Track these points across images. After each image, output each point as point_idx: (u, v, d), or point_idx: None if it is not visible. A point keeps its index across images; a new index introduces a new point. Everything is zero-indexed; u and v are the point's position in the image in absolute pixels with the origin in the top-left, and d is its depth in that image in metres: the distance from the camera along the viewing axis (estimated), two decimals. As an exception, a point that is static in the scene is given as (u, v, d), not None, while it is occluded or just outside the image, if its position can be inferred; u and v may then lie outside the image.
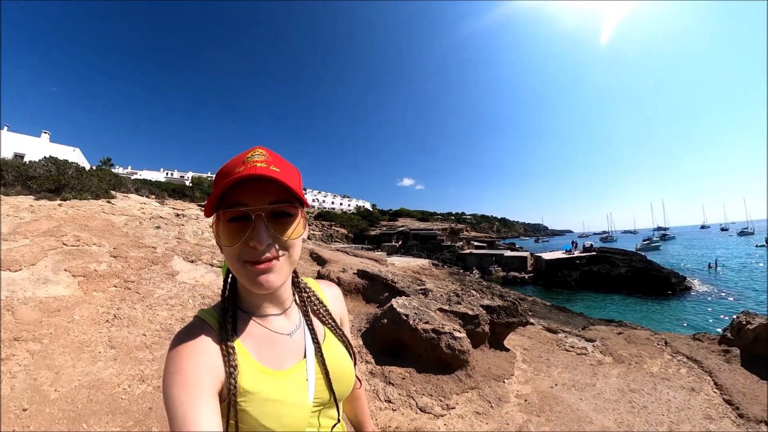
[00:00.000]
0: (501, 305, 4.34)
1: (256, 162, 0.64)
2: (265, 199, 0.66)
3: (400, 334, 3.61)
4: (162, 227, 8.11)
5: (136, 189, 15.11)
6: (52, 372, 2.85)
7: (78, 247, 5.40)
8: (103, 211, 8.59)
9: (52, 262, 4.73)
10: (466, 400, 3.04)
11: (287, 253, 0.70)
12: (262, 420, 0.66)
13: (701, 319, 15.89)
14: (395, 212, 62.24)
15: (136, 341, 3.46)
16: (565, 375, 3.56)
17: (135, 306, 4.17)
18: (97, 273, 4.73)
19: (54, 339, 3.28)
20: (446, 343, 3.40)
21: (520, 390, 3.25)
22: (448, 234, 43.98)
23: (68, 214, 7.50)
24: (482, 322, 3.93)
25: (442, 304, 4.14)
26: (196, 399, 0.59)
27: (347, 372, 0.84)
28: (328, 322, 0.88)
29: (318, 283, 0.97)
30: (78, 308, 3.89)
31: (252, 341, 0.73)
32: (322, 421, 0.79)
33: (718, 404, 3.02)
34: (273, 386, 0.69)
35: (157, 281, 4.94)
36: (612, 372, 3.63)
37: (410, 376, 3.29)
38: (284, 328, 0.78)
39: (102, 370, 2.95)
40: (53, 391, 2.65)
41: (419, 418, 2.77)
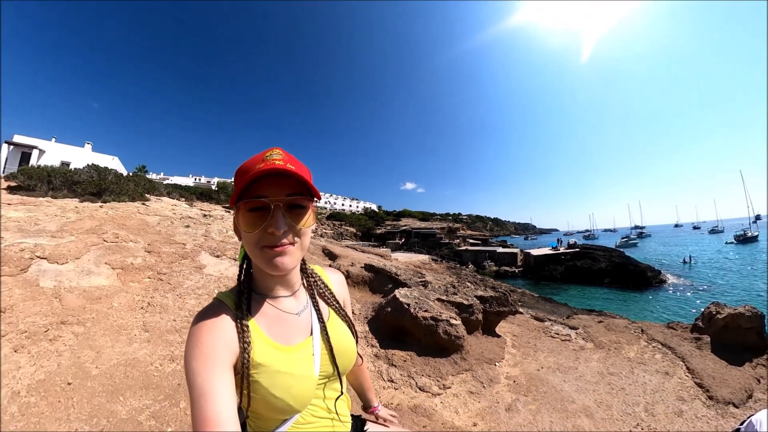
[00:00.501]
0: (493, 296, 4.35)
1: (275, 160, 0.67)
2: (282, 192, 0.68)
3: (402, 321, 3.62)
4: (191, 226, 8.14)
5: (168, 192, 15.19)
6: (93, 351, 2.88)
7: (117, 243, 5.43)
8: (138, 212, 8.65)
9: (94, 256, 4.76)
10: (460, 380, 3.05)
11: (299, 241, 0.71)
12: (272, 390, 0.67)
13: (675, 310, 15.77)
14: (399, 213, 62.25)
15: (167, 326, 3.48)
16: (550, 359, 3.56)
17: (166, 295, 4.19)
18: (133, 266, 4.76)
19: (95, 323, 3.31)
20: (443, 329, 3.41)
21: (510, 372, 3.26)
22: (446, 233, 44.05)
23: (108, 215, 7.56)
24: (476, 311, 3.94)
25: (440, 295, 4.14)
26: (213, 371, 0.60)
27: (349, 348, 0.85)
28: (332, 303, 0.89)
29: (323, 269, 0.99)
30: (116, 296, 3.92)
31: (264, 319, 0.75)
32: (327, 393, 0.80)
33: (690, 387, 3.01)
34: (282, 360, 0.71)
35: (187, 273, 4.97)
36: (593, 357, 3.61)
37: (411, 358, 3.30)
38: (293, 308, 0.80)
39: (137, 351, 2.97)
40: (94, 368, 2.68)
41: (418, 396, 2.79)
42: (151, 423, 2.19)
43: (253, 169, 0.66)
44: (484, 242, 45.35)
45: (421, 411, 2.57)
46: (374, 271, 5.66)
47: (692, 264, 31.38)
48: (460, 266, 22.57)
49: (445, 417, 2.55)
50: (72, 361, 2.73)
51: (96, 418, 2.18)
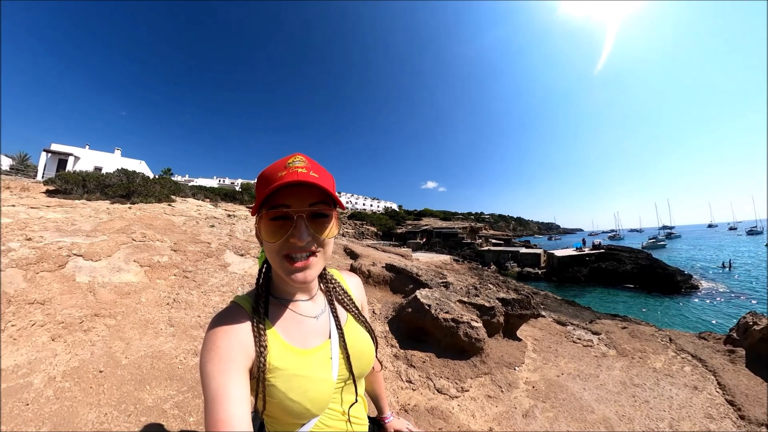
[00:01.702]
0: (515, 298, 4.23)
1: (298, 168, 0.65)
2: (305, 202, 0.67)
3: (422, 322, 3.58)
4: (216, 226, 8.38)
5: (193, 194, 15.72)
6: (123, 343, 3.02)
7: (144, 242, 5.65)
8: (165, 213, 8.99)
9: (124, 254, 4.98)
10: (479, 384, 2.99)
11: (322, 251, 0.71)
12: (289, 393, 0.67)
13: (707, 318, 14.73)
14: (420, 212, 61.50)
15: (192, 321, 3.59)
16: (571, 365, 3.43)
17: (192, 292, 4.32)
18: (160, 264, 4.94)
19: (125, 316, 3.46)
20: (464, 331, 3.35)
21: (529, 377, 3.16)
22: (468, 232, 43.08)
23: (136, 215, 7.89)
24: (497, 314, 3.85)
25: (461, 296, 4.07)
26: (228, 374, 0.60)
27: (366, 353, 0.84)
28: (350, 308, 0.89)
29: (341, 273, 0.98)
30: (144, 292, 4.08)
31: (281, 323, 0.74)
32: (344, 397, 0.80)
33: (720, 404, 2.79)
34: (299, 363, 0.71)
35: (211, 271, 5.10)
36: (615, 365, 3.46)
37: (430, 360, 3.26)
38: (311, 311, 0.80)
39: (163, 344, 3.09)
40: (124, 357, 2.81)
41: (436, 398, 2.75)
42: (174, 412, 2.28)
43: (276, 176, 0.65)
44: (506, 242, 44.26)
45: (437, 413, 2.54)
46: (395, 271, 5.64)
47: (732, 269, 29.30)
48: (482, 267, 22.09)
49: (462, 420, 2.51)
50: (104, 350, 2.88)
51: (124, 404, 2.30)
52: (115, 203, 9.48)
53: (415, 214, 59.46)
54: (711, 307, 16.76)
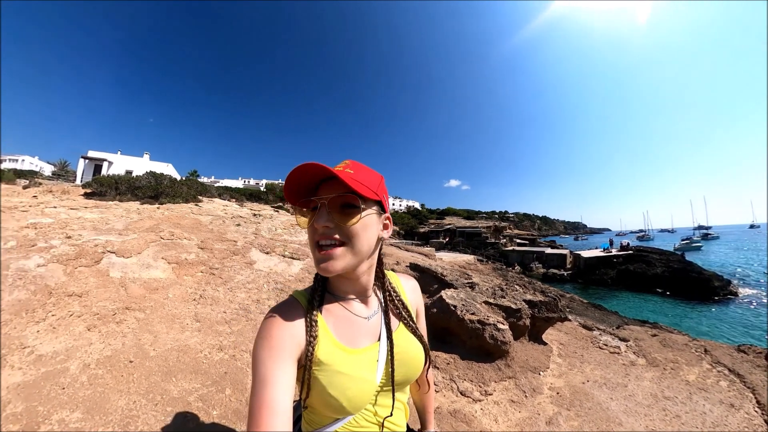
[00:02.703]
0: (542, 300, 4.11)
1: (338, 166, 0.71)
2: (332, 193, 0.70)
3: (448, 322, 3.53)
4: (242, 225, 8.60)
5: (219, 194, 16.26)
6: (151, 335, 3.14)
7: (172, 241, 5.87)
8: (192, 212, 9.32)
9: (153, 252, 5.18)
10: (503, 388, 2.92)
11: (350, 242, 0.70)
12: (329, 388, 0.69)
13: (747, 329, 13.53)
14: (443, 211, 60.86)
15: (218, 317, 3.68)
16: (597, 372, 3.29)
17: (218, 288, 4.43)
18: (187, 261, 5.11)
19: (153, 311, 3.60)
20: (490, 333, 3.28)
21: (554, 383, 3.06)
22: (492, 232, 41.85)
23: (165, 215, 8.22)
24: (524, 316, 3.74)
25: (487, 297, 3.98)
26: (277, 361, 0.64)
27: (413, 361, 0.84)
28: (403, 312, 0.89)
29: (398, 275, 0.99)
30: (171, 288, 4.22)
31: (333, 320, 0.76)
32: (384, 401, 0.79)
33: (759, 425, 2.57)
34: (344, 361, 0.72)
35: (237, 269, 5.21)
36: (645, 375, 3.27)
37: (454, 361, 3.21)
38: (363, 312, 0.81)
39: (189, 338, 3.18)
40: (152, 350, 2.92)
41: (459, 400, 2.71)
42: (198, 404, 2.34)
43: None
44: (531, 242, 42.82)
45: (460, 416, 2.50)
46: (419, 270, 5.59)
47: None
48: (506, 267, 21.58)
49: (484, 424, 2.46)
50: (134, 342, 3.01)
51: (152, 394, 2.39)
52: (144, 204, 9.94)
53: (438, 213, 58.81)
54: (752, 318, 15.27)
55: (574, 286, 23.26)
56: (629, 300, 19.19)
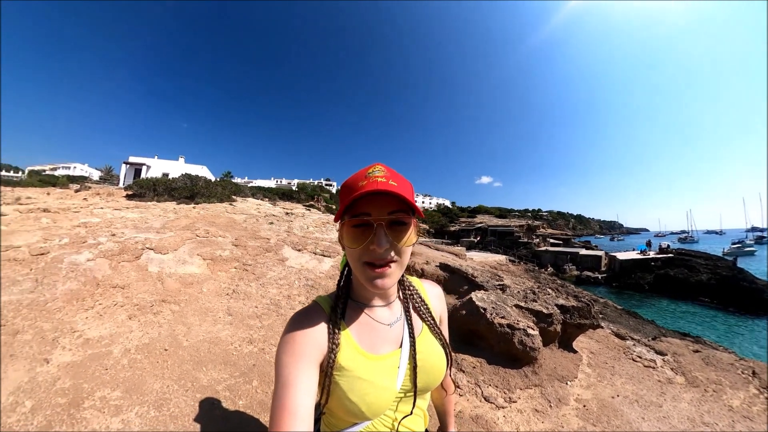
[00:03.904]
0: (575, 306, 3.90)
1: (377, 177, 0.68)
2: (385, 210, 0.69)
3: (476, 325, 3.45)
4: (274, 223, 8.88)
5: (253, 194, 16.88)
6: (185, 327, 3.31)
7: (207, 238, 6.12)
8: (226, 211, 9.71)
9: (189, 249, 5.44)
10: (528, 396, 2.81)
11: (400, 259, 0.72)
12: (349, 394, 0.70)
13: None
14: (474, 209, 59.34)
15: (249, 312, 3.81)
16: (628, 387, 3.07)
17: (250, 284, 4.59)
18: (222, 258, 5.31)
19: (188, 304, 3.79)
20: (519, 338, 3.16)
21: (581, 395, 2.90)
22: (525, 231, 40.19)
23: (200, 214, 8.63)
24: (555, 322, 3.55)
25: (518, 301, 3.84)
26: (299, 365, 0.65)
27: (436, 367, 0.83)
28: (426, 319, 0.88)
29: (422, 282, 0.98)
30: (206, 283, 4.41)
31: (356, 326, 0.77)
32: (403, 407, 0.80)
33: None
34: (366, 367, 0.73)
35: (270, 265, 5.38)
36: (683, 395, 2.99)
37: (480, 365, 3.14)
38: (386, 318, 0.81)
39: (220, 331, 3.32)
40: (185, 340, 3.08)
41: (482, 406, 2.65)
42: (226, 394, 2.46)
43: (357, 185, 0.69)
44: (565, 242, 41.00)
45: (482, 422, 2.44)
46: (450, 270, 5.51)
47: None
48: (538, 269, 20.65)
49: (505, 433, 2.43)
50: (169, 332, 3.21)
51: (183, 380, 2.55)
52: (181, 204, 10.50)
53: (469, 211, 57.56)
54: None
55: (608, 290, 21.97)
56: (668, 309, 17.74)
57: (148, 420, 2.14)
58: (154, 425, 2.11)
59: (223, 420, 2.22)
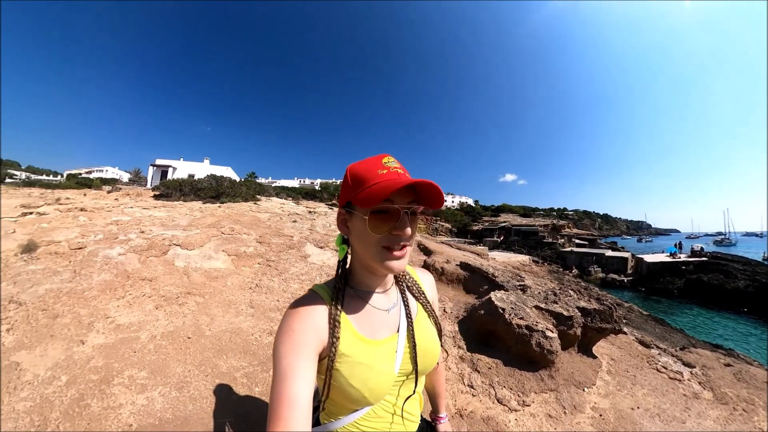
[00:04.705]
0: (597, 309, 3.75)
1: (396, 168, 0.74)
2: (406, 199, 0.74)
3: (494, 326, 3.40)
4: (298, 221, 9.06)
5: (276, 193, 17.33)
6: (208, 317, 3.46)
7: (232, 235, 6.33)
8: (251, 210, 9.97)
9: (214, 245, 5.65)
10: (542, 400, 2.75)
11: (411, 243, 0.77)
12: (350, 380, 0.72)
13: None
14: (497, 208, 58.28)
15: (271, 305, 3.92)
16: (650, 399, 2.90)
17: (273, 279, 4.71)
18: (246, 254, 5.49)
19: (212, 296, 3.95)
20: (537, 341, 3.08)
21: (598, 403, 2.79)
22: (550, 231, 39.13)
23: (225, 213, 8.92)
24: (575, 325, 3.42)
25: (538, 302, 3.74)
26: (298, 355, 0.66)
27: (433, 349, 0.87)
28: (421, 299, 0.92)
29: (414, 270, 1.02)
30: (230, 277, 4.57)
31: (354, 313, 0.79)
32: (402, 391, 0.83)
33: None
34: (365, 352, 0.75)
35: (293, 261, 5.52)
36: (710, 413, 2.79)
37: (496, 367, 3.09)
38: (384, 304, 0.84)
39: (242, 322, 3.45)
40: (207, 330, 3.23)
41: (494, 408, 2.62)
42: (243, 380, 2.57)
43: (375, 173, 0.72)
44: (591, 243, 39.44)
45: (492, 424, 2.42)
46: (470, 270, 5.44)
47: None
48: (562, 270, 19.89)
49: (515, 437, 2.38)
50: (192, 321, 3.37)
51: (204, 367, 2.68)
52: (206, 203, 10.89)
53: (493, 210, 56.55)
54: None
55: (635, 294, 20.87)
56: (699, 317, 16.54)
57: (169, 399, 2.29)
58: (174, 404, 2.25)
59: (239, 404, 2.33)
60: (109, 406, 2.20)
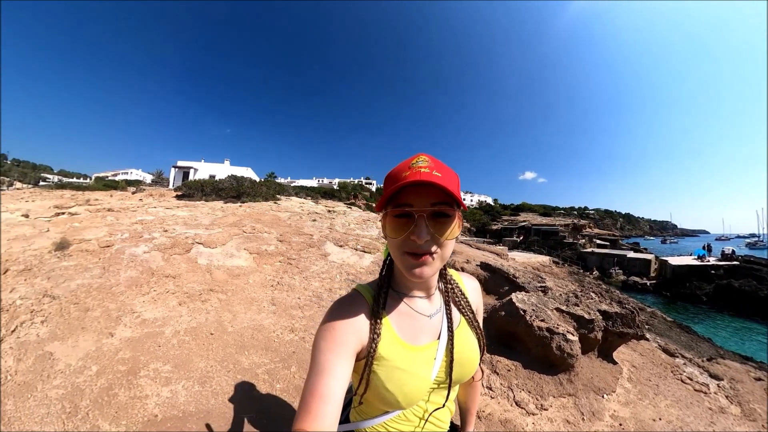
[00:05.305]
0: (618, 312, 3.63)
1: (421, 168, 0.68)
2: (427, 201, 0.69)
3: (515, 327, 3.34)
4: (317, 220, 9.21)
5: (296, 193, 17.66)
6: (231, 314, 3.54)
7: (254, 234, 6.48)
8: (271, 209, 10.19)
9: (236, 243, 5.80)
10: (560, 405, 2.69)
11: (441, 251, 0.72)
12: (386, 383, 0.71)
13: None
14: (517, 207, 57.06)
15: (292, 302, 3.99)
16: (673, 411, 2.77)
17: (294, 277, 4.79)
18: (267, 252, 5.61)
19: (234, 294, 4.04)
20: (557, 344, 3.00)
21: (618, 411, 2.69)
22: (571, 230, 38.10)
23: (246, 212, 9.14)
24: (596, 328, 3.32)
25: (560, 304, 3.63)
26: (337, 353, 0.66)
27: (471, 360, 0.84)
28: (465, 312, 0.89)
29: (460, 275, 0.99)
30: (252, 275, 4.67)
31: (396, 316, 0.78)
32: (433, 398, 0.82)
33: None
34: (404, 357, 0.74)
35: (313, 259, 5.60)
36: (736, 429, 2.65)
37: (515, 369, 3.03)
38: (426, 310, 0.82)
39: (264, 319, 3.51)
40: (230, 326, 3.30)
41: (512, 410, 2.59)
42: (265, 377, 2.61)
43: (401, 175, 0.69)
44: (612, 243, 38.28)
45: (510, 427, 2.39)
46: (490, 270, 5.40)
47: None
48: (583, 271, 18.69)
49: (532, 441, 2.31)
50: (215, 318, 3.45)
51: (225, 362, 2.75)
52: (228, 203, 11.21)
53: (512, 209, 55.48)
54: None
55: (658, 298, 19.95)
56: (729, 326, 15.51)
57: (192, 393, 2.35)
58: (197, 398, 2.31)
59: (259, 400, 2.37)
60: (136, 396, 2.29)
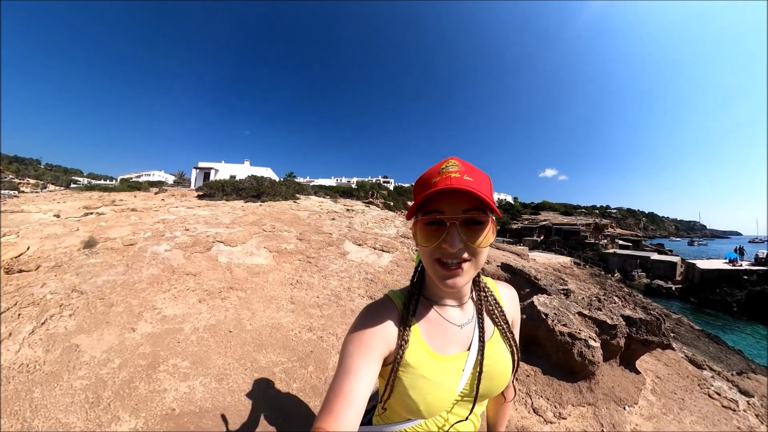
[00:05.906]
0: (643, 318, 3.43)
1: (451, 173, 0.66)
2: (458, 208, 0.66)
3: (536, 331, 3.25)
4: (336, 219, 9.28)
5: (315, 192, 17.94)
6: (250, 312, 3.59)
7: (273, 233, 6.59)
8: (291, 208, 10.33)
9: (256, 242, 5.90)
10: (579, 414, 2.60)
11: (474, 259, 0.69)
12: (410, 391, 0.71)
13: None
14: (537, 205, 56.61)
15: (311, 301, 4.02)
16: (699, 428, 2.62)
17: (313, 275, 4.83)
18: (287, 250, 5.68)
19: (253, 292, 4.10)
20: (579, 350, 2.91)
21: (640, 425, 2.56)
22: (592, 230, 37.26)
23: (266, 211, 9.30)
24: (619, 335, 3.18)
25: (582, 308, 3.51)
26: (364, 357, 0.67)
27: (502, 374, 0.81)
28: (499, 322, 0.85)
29: (496, 283, 0.95)
30: (271, 273, 4.73)
31: (426, 324, 0.77)
32: (458, 410, 0.79)
33: None
34: (431, 366, 0.73)
35: (332, 258, 5.64)
36: None
37: (534, 374, 2.97)
38: (457, 319, 0.80)
39: (282, 318, 3.55)
40: (248, 324, 3.34)
41: (529, 418, 2.53)
42: (282, 376, 2.63)
43: (430, 181, 0.67)
44: (635, 244, 37.15)
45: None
46: (511, 271, 5.30)
47: None
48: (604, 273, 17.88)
49: (548, 452, 2.21)
50: (234, 315, 3.51)
51: (243, 360, 2.78)
52: (248, 202, 11.44)
53: (532, 208, 55.00)
54: None
55: (684, 305, 18.92)
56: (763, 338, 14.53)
57: (209, 390, 2.39)
58: (214, 395, 2.35)
59: (275, 398, 2.38)
60: (155, 390, 2.36)
